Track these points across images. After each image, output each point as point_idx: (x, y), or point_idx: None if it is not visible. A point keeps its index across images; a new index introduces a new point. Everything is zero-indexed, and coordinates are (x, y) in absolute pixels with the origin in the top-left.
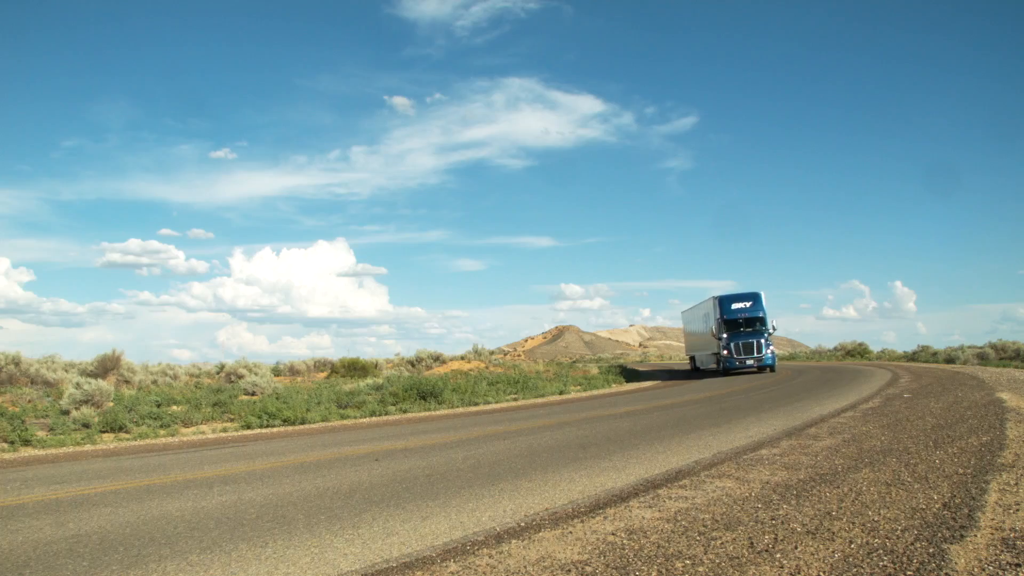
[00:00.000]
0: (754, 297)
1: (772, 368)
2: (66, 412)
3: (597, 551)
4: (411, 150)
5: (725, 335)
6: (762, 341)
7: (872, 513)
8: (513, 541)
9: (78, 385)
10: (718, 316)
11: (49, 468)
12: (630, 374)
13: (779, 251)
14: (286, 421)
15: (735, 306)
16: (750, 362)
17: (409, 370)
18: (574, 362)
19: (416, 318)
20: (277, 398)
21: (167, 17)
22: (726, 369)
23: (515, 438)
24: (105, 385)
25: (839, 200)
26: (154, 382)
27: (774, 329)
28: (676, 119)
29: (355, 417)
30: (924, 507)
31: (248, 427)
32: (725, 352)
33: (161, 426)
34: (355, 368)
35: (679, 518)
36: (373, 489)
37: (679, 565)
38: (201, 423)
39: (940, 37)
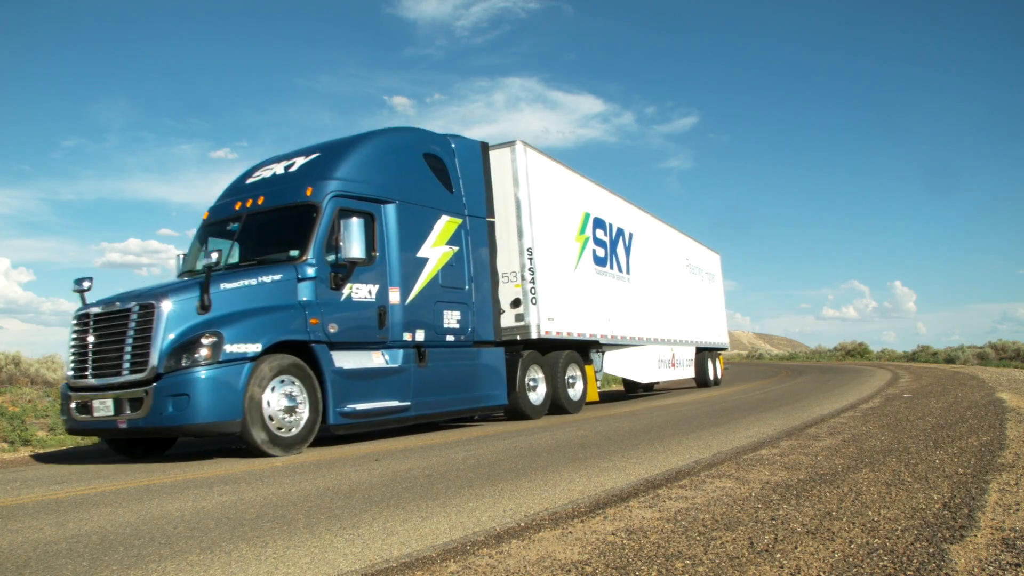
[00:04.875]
0: (323, 151)
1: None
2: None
3: (597, 551)
4: None
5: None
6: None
7: (872, 513)
8: (513, 541)
9: None
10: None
11: (49, 468)
12: None
13: (779, 251)
14: None
15: (249, 180)
16: (102, 410)
17: None
18: None
19: None
20: None
21: (167, 17)
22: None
23: (515, 438)
24: None
25: (839, 200)
26: None
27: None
28: (676, 119)
29: None
30: (924, 507)
31: None
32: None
33: None
34: None
35: (679, 518)
36: (373, 489)
37: (679, 565)
38: None
39: (940, 37)
